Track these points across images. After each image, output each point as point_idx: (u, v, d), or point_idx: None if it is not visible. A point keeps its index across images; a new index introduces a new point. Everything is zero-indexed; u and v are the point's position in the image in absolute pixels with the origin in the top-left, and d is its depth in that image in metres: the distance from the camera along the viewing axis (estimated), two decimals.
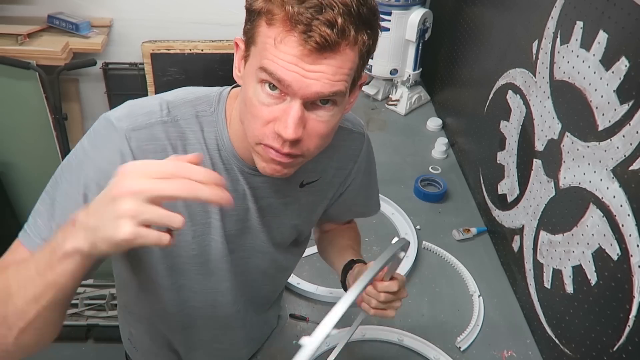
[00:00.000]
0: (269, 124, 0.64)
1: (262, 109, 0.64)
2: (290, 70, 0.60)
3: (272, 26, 0.60)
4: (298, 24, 0.58)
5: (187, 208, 0.77)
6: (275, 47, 0.60)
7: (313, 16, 0.58)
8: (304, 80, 0.60)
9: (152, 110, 0.72)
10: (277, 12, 0.59)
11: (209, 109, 0.75)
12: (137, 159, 0.69)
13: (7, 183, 2.13)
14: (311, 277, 1.29)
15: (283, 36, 0.59)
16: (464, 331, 1.17)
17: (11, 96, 2.01)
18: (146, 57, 2.13)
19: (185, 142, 0.73)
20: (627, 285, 0.85)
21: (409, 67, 1.94)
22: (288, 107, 0.63)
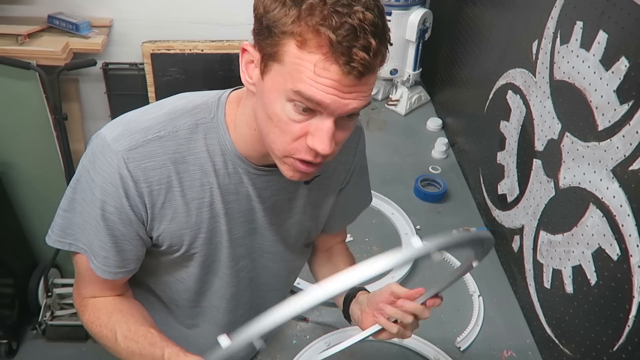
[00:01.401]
0: (300, 139, 0.66)
1: (293, 125, 0.65)
2: (330, 94, 0.61)
3: (305, 50, 0.60)
4: (339, 54, 0.59)
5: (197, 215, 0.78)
6: (315, 73, 0.60)
7: (351, 43, 0.58)
8: (342, 101, 0.62)
9: (148, 126, 0.72)
10: (310, 37, 0.59)
11: (209, 116, 0.75)
12: (137, 180, 0.71)
13: (7, 183, 2.13)
14: (311, 277, 1.28)
15: (324, 65, 0.60)
16: (464, 331, 1.17)
17: (11, 96, 2.01)
18: (146, 57, 2.13)
19: (187, 153, 0.73)
20: (627, 285, 0.85)
21: (409, 67, 1.94)
22: (322, 123, 0.64)
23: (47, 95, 1.98)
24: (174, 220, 0.76)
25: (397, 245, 1.40)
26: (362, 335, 0.87)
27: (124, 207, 0.73)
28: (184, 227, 0.78)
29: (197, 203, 0.77)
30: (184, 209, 0.76)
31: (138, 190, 0.72)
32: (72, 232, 0.78)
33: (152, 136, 0.72)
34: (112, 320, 0.80)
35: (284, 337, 1.15)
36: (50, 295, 2.20)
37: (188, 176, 0.74)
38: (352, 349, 1.13)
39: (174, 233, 0.78)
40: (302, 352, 1.10)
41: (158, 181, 0.73)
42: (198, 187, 0.76)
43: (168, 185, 0.74)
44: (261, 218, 0.84)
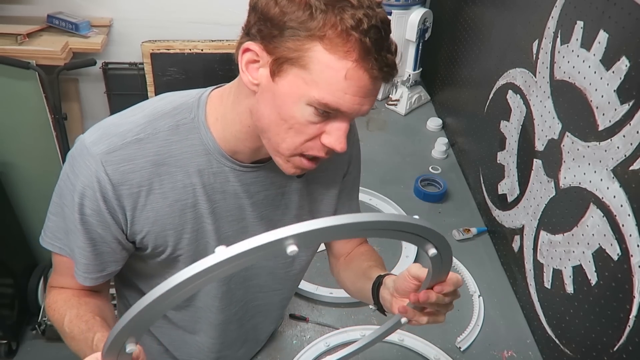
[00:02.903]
0: (315, 138, 0.67)
1: (311, 127, 0.66)
2: (355, 104, 0.63)
3: (335, 54, 0.59)
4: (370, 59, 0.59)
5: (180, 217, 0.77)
6: (346, 79, 0.60)
7: (381, 46, 0.60)
8: (361, 107, 0.64)
9: (127, 129, 0.71)
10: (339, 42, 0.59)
11: (189, 116, 0.74)
12: (115, 183, 0.70)
13: (7, 183, 2.13)
14: (311, 277, 1.29)
15: (354, 73, 0.60)
16: (464, 331, 1.17)
17: (11, 96, 2.01)
18: (146, 57, 2.13)
19: (167, 155, 0.72)
20: (627, 285, 0.85)
21: (409, 67, 1.94)
22: (340, 124, 0.66)
23: (46, 95, 1.97)
24: (156, 223, 0.75)
25: (397, 245, 1.40)
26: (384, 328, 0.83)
27: (102, 210, 0.72)
28: (168, 228, 0.77)
29: (180, 204, 0.76)
30: (166, 211, 0.75)
31: (116, 194, 0.71)
32: (60, 237, 0.78)
33: (131, 139, 0.71)
34: (66, 306, 0.79)
35: (284, 337, 1.15)
36: None
37: (169, 178, 0.73)
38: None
39: (157, 235, 0.77)
40: (302, 352, 1.10)
41: (138, 184, 0.72)
42: (181, 189, 0.75)
43: (149, 187, 0.73)
44: (251, 214, 0.83)
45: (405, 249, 1.38)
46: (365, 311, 1.22)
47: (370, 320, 1.20)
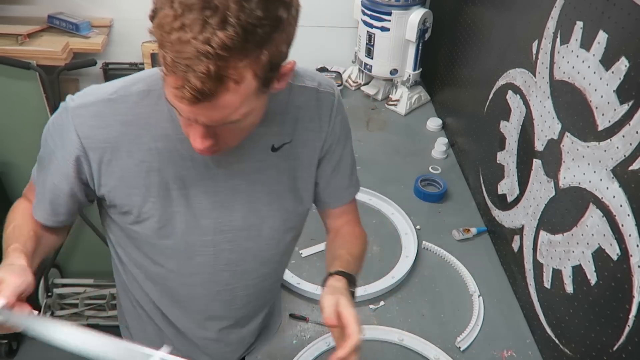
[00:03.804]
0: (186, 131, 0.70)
1: (180, 119, 0.68)
2: (181, 108, 0.62)
3: (163, 64, 0.59)
4: (174, 75, 0.58)
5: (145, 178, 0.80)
6: (166, 83, 0.61)
7: (188, 67, 0.56)
8: (194, 116, 0.62)
9: (103, 91, 0.77)
10: (162, 54, 0.58)
11: (162, 83, 0.71)
12: (81, 136, 0.76)
13: (7, 183, 2.13)
14: (311, 277, 1.29)
15: (168, 80, 0.60)
16: (464, 331, 1.17)
17: (11, 96, 2.01)
18: (146, 57, 2.13)
19: (135, 117, 0.77)
20: (627, 285, 0.85)
21: (409, 67, 1.94)
22: (194, 126, 0.66)
23: (47, 95, 1.98)
24: (122, 180, 0.79)
25: (397, 245, 1.40)
26: None
27: (65, 159, 0.78)
28: (133, 187, 0.80)
29: (146, 166, 0.79)
30: (132, 170, 0.79)
31: (83, 146, 0.76)
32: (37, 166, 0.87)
33: (103, 98, 0.76)
34: (19, 215, 0.88)
35: (284, 337, 1.15)
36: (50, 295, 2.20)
37: (136, 139, 0.77)
38: None
39: (124, 192, 0.80)
40: (302, 352, 1.10)
41: (104, 140, 0.76)
42: (145, 151, 0.78)
43: (114, 145, 0.77)
44: (225, 186, 0.82)
45: (405, 249, 1.38)
46: (365, 311, 1.22)
47: (370, 320, 1.20)
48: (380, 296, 1.26)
